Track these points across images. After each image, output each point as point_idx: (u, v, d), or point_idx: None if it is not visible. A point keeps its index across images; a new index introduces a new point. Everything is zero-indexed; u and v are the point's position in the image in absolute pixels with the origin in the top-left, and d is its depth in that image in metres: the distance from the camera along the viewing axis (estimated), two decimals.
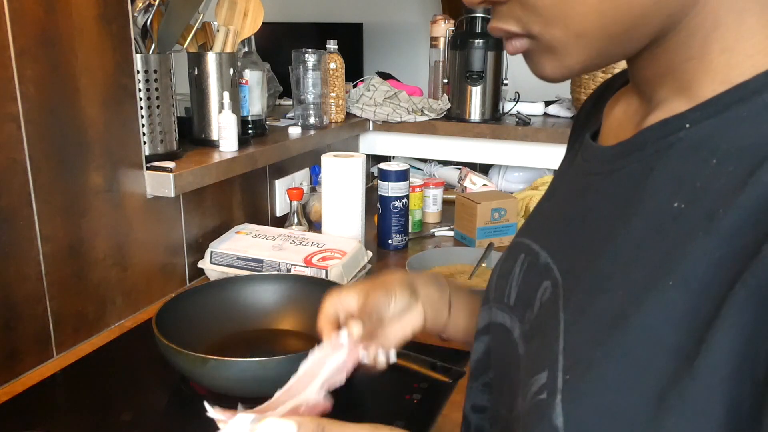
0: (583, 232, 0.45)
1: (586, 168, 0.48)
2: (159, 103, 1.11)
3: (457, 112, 1.81)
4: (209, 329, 0.96)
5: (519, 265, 0.52)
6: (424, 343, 1.02)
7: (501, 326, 0.53)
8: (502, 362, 0.53)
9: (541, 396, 0.41)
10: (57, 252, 0.94)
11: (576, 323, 0.41)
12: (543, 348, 0.43)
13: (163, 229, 1.16)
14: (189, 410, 0.84)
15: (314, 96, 1.60)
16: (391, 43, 3.65)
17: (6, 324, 0.87)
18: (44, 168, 0.90)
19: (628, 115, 0.47)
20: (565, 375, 0.40)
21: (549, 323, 0.44)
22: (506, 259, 0.56)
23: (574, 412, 0.38)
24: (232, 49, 1.29)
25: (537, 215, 0.57)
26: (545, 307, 0.46)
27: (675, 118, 0.40)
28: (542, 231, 0.52)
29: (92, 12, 0.94)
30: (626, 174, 0.42)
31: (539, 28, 0.40)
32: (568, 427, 0.38)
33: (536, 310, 0.47)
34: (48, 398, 0.86)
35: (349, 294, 0.64)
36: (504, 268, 0.55)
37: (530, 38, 0.42)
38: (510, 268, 0.54)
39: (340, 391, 0.88)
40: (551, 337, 0.42)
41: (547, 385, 0.41)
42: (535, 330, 0.47)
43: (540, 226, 0.54)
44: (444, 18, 1.93)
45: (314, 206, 1.54)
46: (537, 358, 0.44)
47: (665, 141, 0.40)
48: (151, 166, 1.09)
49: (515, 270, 0.53)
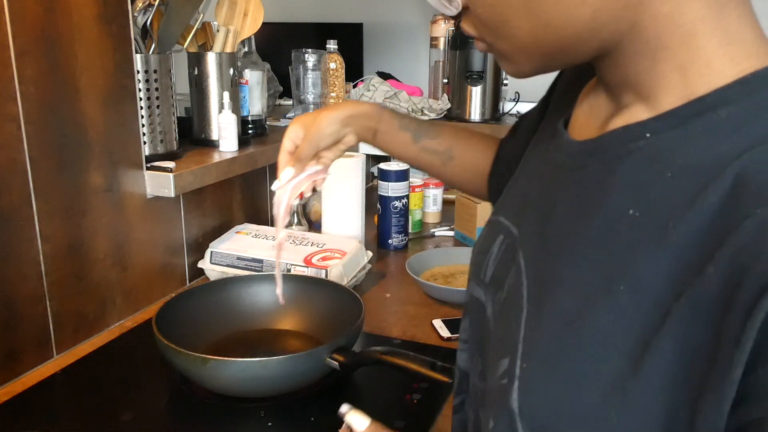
0: (548, 225, 0.47)
1: (555, 159, 0.50)
2: (159, 103, 1.11)
3: (457, 112, 1.81)
4: (209, 329, 0.96)
5: (498, 244, 0.54)
6: (424, 343, 1.02)
7: (477, 301, 0.56)
8: (479, 337, 0.56)
9: (503, 381, 0.44)
10: (57, 252, 0.94)
11: (536, 315, 0.44)
12: (507, 333, 0.46)
13: (163, 229, 1.16)
14: (189, 410, 0.84)
15: (314, 96, 1.60)
16: (391, 43, 3.65)
17: (6, 324, 0.87)
18: (44, 168, 0.90)
19: (594, 111, 0.49)
20: (522, 363, 0.43)
21: (513, 310, 0.46)
22: (486, 236, 0.58)
23: (528, 399, 0.41)
24: (232, 49, 1.29)
25: (512, 192, 0.58)
26: (511, 292, 0.48)
27: (637, 126, 0.41)
28: (516, 213, 0.54)
29: (92, 12, 0.94)
30: (589, 174, 0.44)
31: (490, 40, 0.46)
32: (522, 412, 0.41)
33: (505, 293, 0.50)
34: (48, 398, 0.86)
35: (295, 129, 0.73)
36: (483, 246, 0.57)
37: (487, 44, 0.47)
38: (489, 246, 0.56)
39: (340, 390, 0.88)
40: (514, 325, 0.45)
41: (508, 371, 0.44)
42: (503, 313, 0.49)
43: (514, 205, 0.56)
44: (444, 18, 1.93)
45: (314, 206, 1.54)
46: (502, 343, 0.47)
47: (626, 147, 0.41)
48: (151, 166, 1.09)
49: (493, 248, 0.55)
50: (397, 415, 0.81)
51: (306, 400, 0.85)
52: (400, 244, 1.46)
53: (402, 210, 1.44)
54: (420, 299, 1.19)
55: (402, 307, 1.17)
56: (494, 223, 0.57)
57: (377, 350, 0.82)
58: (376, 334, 1.05)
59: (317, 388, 0.87)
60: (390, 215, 1.44)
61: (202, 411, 0.83)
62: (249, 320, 1.01)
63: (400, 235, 1.46)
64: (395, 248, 1.46)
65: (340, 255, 1.16)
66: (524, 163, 0.59)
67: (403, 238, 1.46)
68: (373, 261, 1.28)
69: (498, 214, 0.58)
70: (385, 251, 1.46)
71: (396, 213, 1.44)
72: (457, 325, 1.06)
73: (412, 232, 1.57)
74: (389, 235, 1.45)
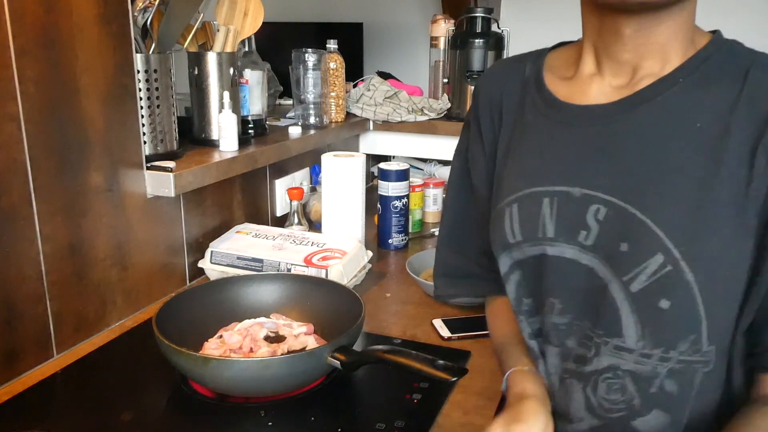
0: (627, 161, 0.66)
1: (581, 122, 0.70)
2: (159, 102, 1.11)
3: (457, 111, 1.81)
4: (209, 329, 0.96)
5: (547, 206, 0.70)
6: (424, 342, 1.02)
7: (540, 257, 0.71)
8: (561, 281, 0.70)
9: (665, 269, 0.62)
10: (57, 252, 0.94)
11: (662, 213, 0.63)
12: (640, 243, 0.63)
13: (164, 228, 1.16)
14: (189, 410, 0.84)
15: (314, 96, 1.60)
16: (391, 42, 3.64)
17: (6, 324, 0.87)
18: (44, 168, 0.90)
19: (597, 84, 0.71)
20: (678, 248, 0.62)
21: (630, 227, 0.64)
22: (522, 208, 0.73)
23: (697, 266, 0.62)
24: (233, 48, 1.29)
25: (534, 169, 0.73)
26: (608, 222, 0.66)
27: (669, 76, 0.66)
28: (556, 175, 0.70)
29: (92, 12, 0.94)
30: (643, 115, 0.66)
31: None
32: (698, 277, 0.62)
33: (596, 228, 0.66)
34: (48, 398, 0.86)
35: None
36: (526, 215, 0.72)
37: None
38: (536, 213, 0.71)
39: (340, 390, 0.88)
40: (645, 233, 0.63)
41: (668, 260, 0.62)
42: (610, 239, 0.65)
43: (552, 172, 0.71)
44: (444, 18, 1.93)
45: (314, 206, 1.54)
46: (637, 252, 0.64)
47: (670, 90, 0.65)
48: (152, 165, 1.09)
49: (543, 211, 0.70)
50: (398, 415, 0.81)
51: (306, 400, 0.85)
52: (401, 244, 1.46)
53: (402, 210, 1.44)
54: (420, 299, 1.19)
55: (402, 306, 1.17)
56: (529, 195, 0.72)
57: (379, 349, 0.82)
58: (377, 334, 1.05)
59: (317, 388, 0.87)
60: (390, 215, 1.44)
61: (202, 411, 0.83)
62: None
63: (400, 235, 1.46)
64: (395, 248, 1.46)
65: (340, 255, 1.16)
66: (530, 146, 0.75)
67: (404, 237, 1.46)
68: (373, 261, 1.28)
69: (528, 187, 0.72)
70: (385, 251, 1.46)
71: (396, 213, 1.44)
72: (457, 325, 1.06)
73: (412, 232, 1.57)
74: (389, 235, 1.45)
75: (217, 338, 0.93)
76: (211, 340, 0.93)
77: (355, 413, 0.84)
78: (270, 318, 0.99)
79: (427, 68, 2.02)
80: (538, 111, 0.76)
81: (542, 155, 0.73)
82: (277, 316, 0.99)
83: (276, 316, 0.99)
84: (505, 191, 0.76)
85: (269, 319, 0.98)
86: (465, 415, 0.83)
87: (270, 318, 0.99)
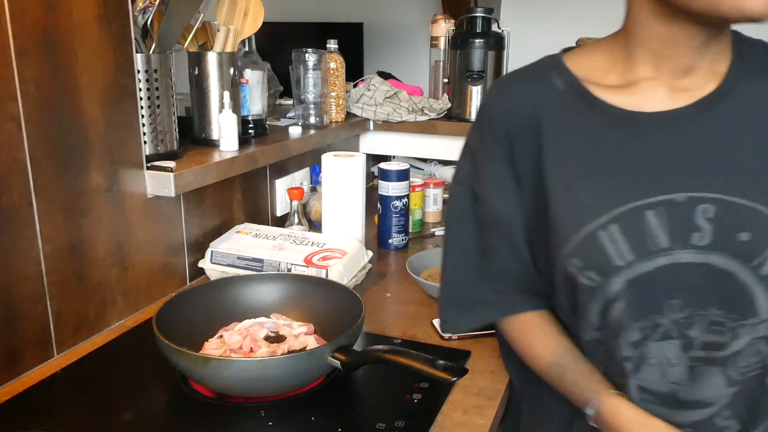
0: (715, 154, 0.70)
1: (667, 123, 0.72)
2: (159, 102, 1.11)
3: (458, 111, 1.81)
4: (209, 329, 0.96)
5: (653, 218, 0.69)
6: (424, 342, 1.02)
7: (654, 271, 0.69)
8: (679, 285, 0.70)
9: None
10: (57, 252, 0.94)
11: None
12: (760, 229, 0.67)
13: (164, 228, 1.16)
14: (189, 410, 0.84)
15: (314, 95, 1.60)
16: (391, 42, 3.65)
17: (6, 323, 0.87)
18: (44, 167, 0.90)
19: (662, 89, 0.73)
20: None
21: (744, 216, 0.67)
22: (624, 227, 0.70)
23: None
24: (233, 48, 1.29)
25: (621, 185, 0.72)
26: (720, 218, 0.68)
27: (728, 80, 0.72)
28: (651, 185, 0.70)
29: (92, 11, 0.94)
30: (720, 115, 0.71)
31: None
32: None
33: (709, 227, 0.68)
34: (48, 398, 0.86)
35: None
36: (632, 233, 0.70)
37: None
38: (642, 228, 0.70)
39: (340, 390, 0.88)
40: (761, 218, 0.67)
41: None
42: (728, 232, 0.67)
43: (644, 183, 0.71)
44: (444, 17, 1.93)
45: (314, 206, 1.54)
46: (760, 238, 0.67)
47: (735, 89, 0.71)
48: (152, 165, 1.09)
49: (650, 225, 0.70)
50: (398, 415, 0.81)
51: (306, 400, 0.85)
52: (401, 244, 1.46)
53: (402, 209, 1.44)
54: (420, 299, 1.19)
55: (402, 306, 1.17)
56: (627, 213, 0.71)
57: (379, 349, 0.82)
58: (377, 334, 1.05)
59: (318, 388, 0.87)
60: (390, 215, 1.44)
61: (203, 411, 0.83)
62: None
63: (400, 235, 1.46)
64: (395, 248, 1.46)
65: (340, 255, 1.16)
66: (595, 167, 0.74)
67: (404, 237, 1.46)
68: (373, 261, 1.28)
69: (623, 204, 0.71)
70: (386, 251, 1.46)
71: (396, 213, 1.44)
72: None
73: (413, 232, 1.57)
74: (389, 235, 1.45)
75: (218, 338, 0.93)
76: (211, 340, 0.93)
77: (355, 413, 0.84)
78: (270, 318, 0.99)
79: (427, 68, 2.02)
80: (596, 125, 0.74)
81: (622, 169, 0.72)
82: (277, 316, 0.99)
83: (276, 316, 0.99)
84: (588, 214, 0.72)
85: (269, 319, 0.98)
86: (465, 414, 0.83)
87: (270, 318, 0.99)
